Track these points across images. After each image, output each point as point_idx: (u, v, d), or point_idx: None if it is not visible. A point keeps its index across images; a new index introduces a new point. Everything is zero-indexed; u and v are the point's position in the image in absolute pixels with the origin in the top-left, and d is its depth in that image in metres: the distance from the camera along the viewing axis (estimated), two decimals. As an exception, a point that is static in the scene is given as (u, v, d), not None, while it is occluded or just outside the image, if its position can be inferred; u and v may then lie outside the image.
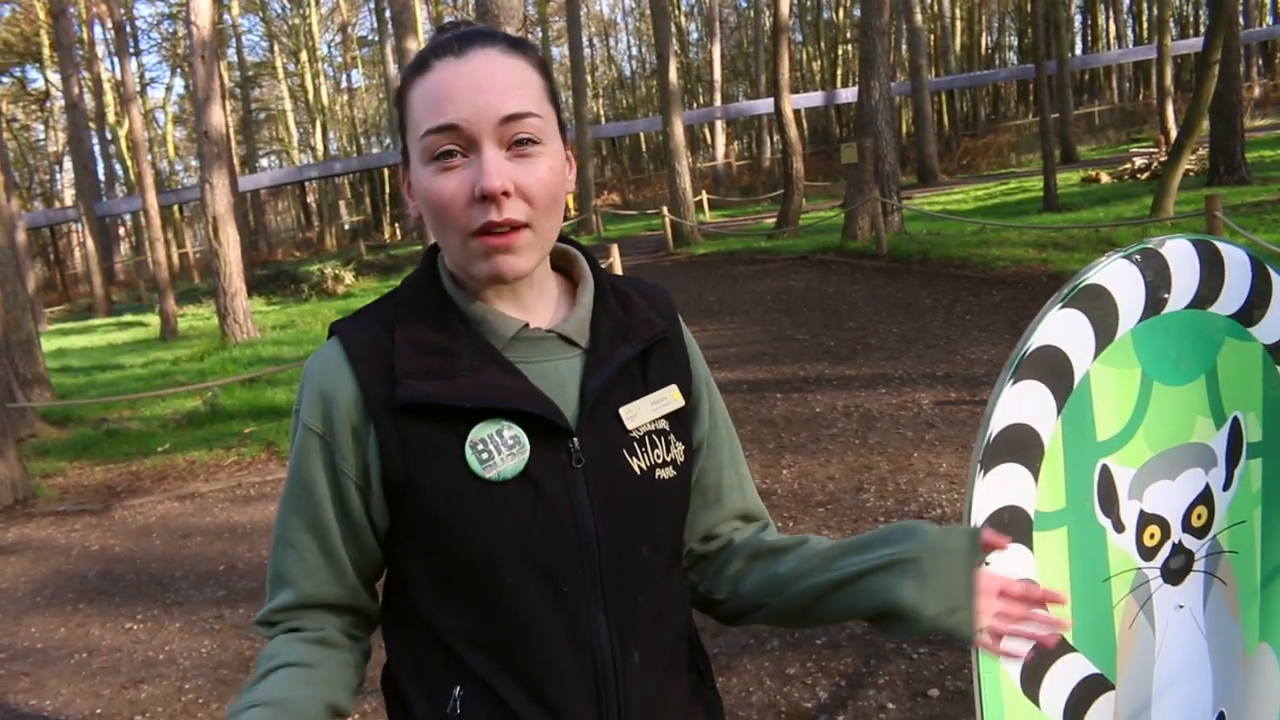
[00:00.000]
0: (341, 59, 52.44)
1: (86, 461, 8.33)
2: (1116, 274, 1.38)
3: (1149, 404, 1.44)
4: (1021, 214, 16.08)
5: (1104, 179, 20.43)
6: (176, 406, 9.90)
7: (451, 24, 1.08)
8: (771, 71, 21.12)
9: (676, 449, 1.13)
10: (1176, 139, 12.12)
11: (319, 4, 47.52)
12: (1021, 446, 1.35)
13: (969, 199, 21.62)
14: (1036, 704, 1.41)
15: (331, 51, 52.92)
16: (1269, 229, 10.32)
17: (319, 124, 47.69)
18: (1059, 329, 1.35)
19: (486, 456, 1.02)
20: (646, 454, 1.10)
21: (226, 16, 43.53)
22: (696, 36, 53.71)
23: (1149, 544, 1.47)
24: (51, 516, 6.87)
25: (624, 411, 1.09)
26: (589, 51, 53.26)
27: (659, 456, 1.11)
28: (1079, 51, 47.89)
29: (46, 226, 37.67)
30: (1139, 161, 20.86)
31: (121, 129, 35.19)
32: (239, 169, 34.87)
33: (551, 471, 1.04)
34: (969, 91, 46.62)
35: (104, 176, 40.80)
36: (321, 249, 41.65)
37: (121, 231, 46.20)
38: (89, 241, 26.91)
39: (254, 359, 12.50)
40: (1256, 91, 37.06)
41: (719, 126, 42.15)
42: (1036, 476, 1.36)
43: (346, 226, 47.87)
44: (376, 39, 43.95)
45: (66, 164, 45.19)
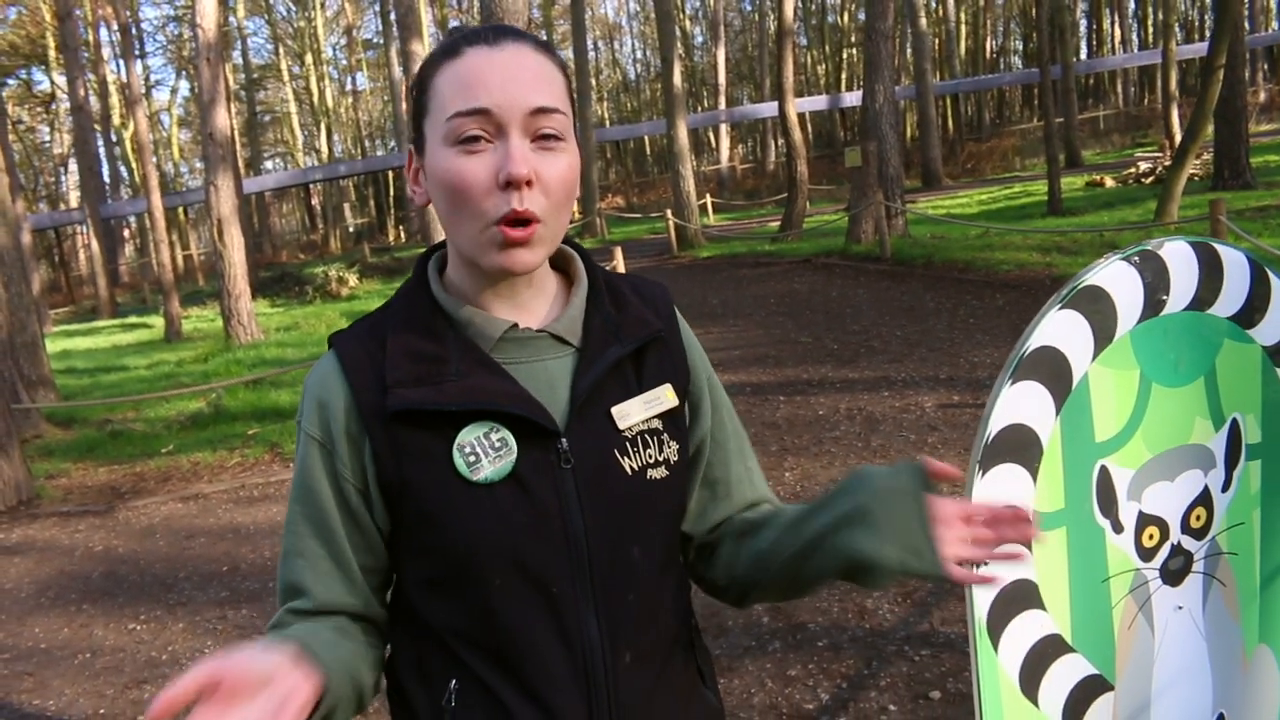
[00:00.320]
0: (346, 62, 52.61)
1: (90, 462, 8.35)
2: (1115, 276, 1.39)
3: (1148, 405, 1.44)
4: (1025, 218, 16.06)
5: (1108, 183, 20.40)
6: (180, 408, 9.92)
7: (459, 28, 1.09)
8: (776, 75, 21.12)
9: (670, 449, 1.13)
10: (1181, 143, 12.10)
11: (324, 7, 47.66)
12: (1020, 447, 1.35)
13: (973, 203, 21.60)
14: (1035, 704, 1.42)
15: (336, 54, 53.12)
16: (1273, 234, 10.30)
17: (324, 126, 47.81)
18: (1057, 330, 1.36)
19: (474, 459, 1.03)
20: (639, 454, 1.10)
21: (232, 19, 43.64)
22: (701, 40, 53.74)
23: (1148, 545, 1.47)
24: (56, 517, 6.88)
25: (616, 411, 1.10)
26: (594, 55, 53.40)
27: (651, 456, 1.11)
28: (1084, 56, 47.85)
29: (52, 228, 37.77)
30: (1143, 166, 20.84)
31: (127, 131, 35.35)
32: (244, 171, 34.94)
33: (539, 472, 1.04)
34: (973, 95, 46.58)
35: (109, 179, 40.88)
36: (326, 251, 41.67)
37: (126, 233, 46.25)
38: (94, 243, 26.99)
39: (258, 361, 12.51)
40: (1261, 96, 37.00)
41: (723, 130, 42.13)
42: (1035, 477, 1.37)
43: (351, 229, 47.94)
44: (381, 42, 44.04)
45: (72, 166, 45.34)
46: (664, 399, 1.14)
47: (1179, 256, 1.43)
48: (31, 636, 4.79)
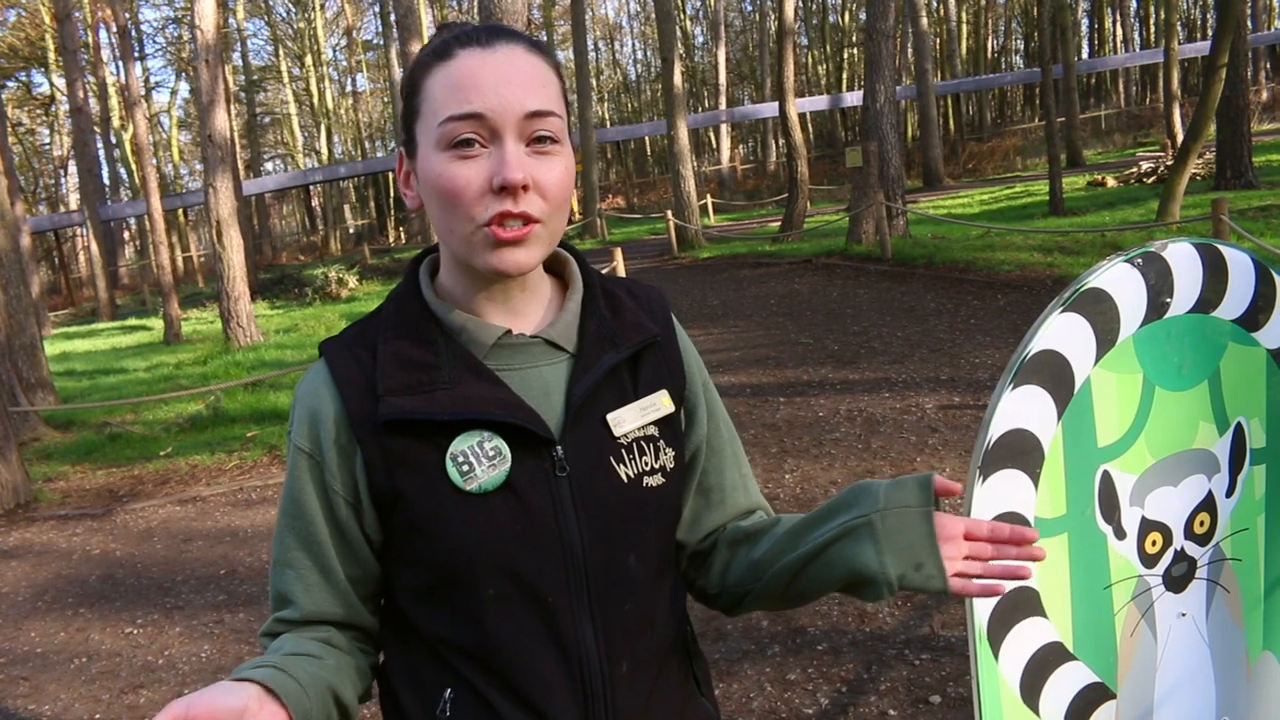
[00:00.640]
0: (346, 63, 52.61)
1: (88, 465, 8.33)
2: (1118, 278, 1.36)
3: (1151, 409, 1.42)
4: (1027, 218, 16.05)
5: (1110, 183, 20.39)
6: (179, 410, 9.90)
7: (449, 26, 1.06)
8: (776, 75, 21.12)
9: (666, 455, 1.11)
10: (1183, 143, 12.08)
11: (324, 8, 47.67)
12: (1021, 452, 1.33)
13: (974, 203, 21.60)
14: (1036, 713, 1.39)
15: (336, 55, 53.15)
16: (1275, 233, 10.28)
17: (324, 128, 47.81)
18: (1059, 333, 1.34)
19: (467, 469, 1.01)
20: (635, 461, 1.08)
21: (231, 20, 43.67)
22: (702, 40, 53.76)
23: (1151, 551, 1.45)
24: (53, 520, 6.86)
25: (611, 418, 1.08)
26: (594, 55, 53.40)
27: (647, 464, 1.09)
28: (1085, 55, 47.84)
29: (51, 230, 37.78)
30: (1145, 165, 20.83)
31: (126, 133, 35.34)
32: (243, 173, 34.97)
33: (534, 481, 1.03)
34: (974, 95, 46.60)
35: (109, 180, 40.91)
36: (326, 253, 41.70)
37: (126, 235, 46.28)
38: (93, 245, 26.99)
39: (257, 363, 12.49)
40: (1264, 95, 37.00)
41: (724, 130, 42.13)
42: (1036, 482, 1.35)
43: (351, 230, 47.97)
44: (381, 43, 44.08)
45: (71, 168, 45.41)
46: (660, 405, 1.12)
47: (1183, 258, 1.41)
48: (28, 640, 4.77)
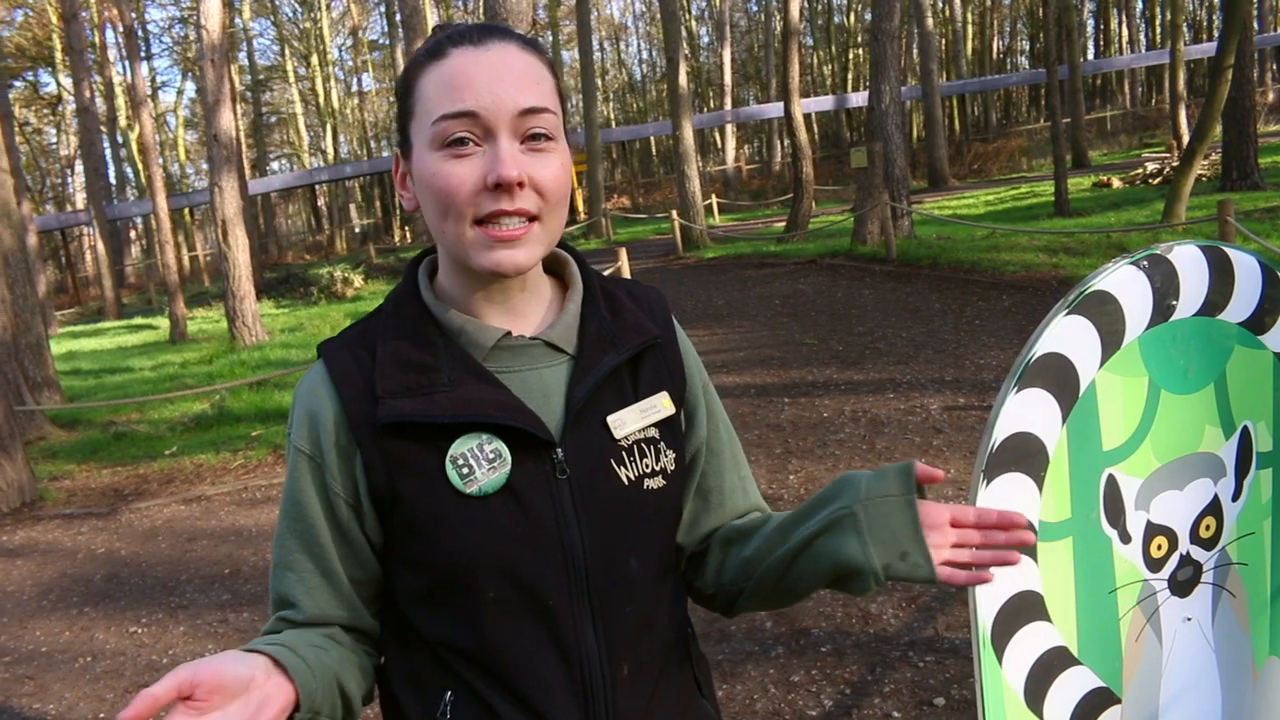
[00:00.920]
0: (352, 63, 52.57)
1: (94, 464, 8.35)
2: (1123, 280, 1.36)
3: (1156, 412, 1.41)
4: (1032, 219, 16.02)
5: (1116, 184, 20.33)
6: (184, 409, 9.92)
7: (443, 26, 1.06)
8: (782, 75, 21.09)
9: (667, 458, 1.11)
10: (1189, 144, 12.04)
11: (330, 8, 47.72)
12: (1025, 455, 1.32)
13: (979, 204, 21.56)
14: (1041, 718, 1.39)
15: (342, 55, 53.13)
16: (1281, 234, 10.24)
17: (329, 127, 47.83)
18: (1064, 336, 1.33)
19: (467, 471, 1.01)
20: (635, 463, 1.08)
21: (237, 20, 43.70)
22: (707, 40, 53.77)
23: (1156, 555, 1.44)
24: (58, 519, 6.87)
25: (612, 420, 1.07)
26: (599, 55, 53.44)
27: (648, 466, 1.09)
28: (1091, 56, 47.78)
29: (58, 229, 37.87)
30: (1151, 166, 20.78)
31: (133, 133, 35.43)
32: (249, 172, 35.02)
33: (534, 484, 1.02)
34: (980, 96, 46.52)
35: (115, 180, 41.01)
36: (331, 252, 41.73)
37: (132, 234, 46.40)
38: (100, 244, 27.01)
39: (262, 362, 12.51)
40: (1270, 97, 36.90)
41: (729, 130, 42.10)
42: (1041, 486, 1.34)
43: (357, 230, 48.01)
44: (387, 43, 44.17)
45: (78, 167, 45.43)
46: (660, 407, 1.11)
47: (1189, 260, 1.40)
48: (33, 639, 4.78)
